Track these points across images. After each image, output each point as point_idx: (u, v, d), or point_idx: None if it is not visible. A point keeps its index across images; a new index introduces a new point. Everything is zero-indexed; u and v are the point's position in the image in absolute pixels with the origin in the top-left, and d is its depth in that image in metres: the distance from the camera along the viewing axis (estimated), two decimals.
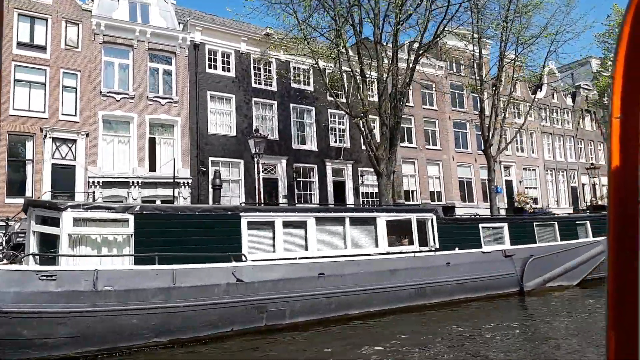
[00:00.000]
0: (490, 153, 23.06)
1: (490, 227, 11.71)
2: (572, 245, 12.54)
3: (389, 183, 18.30)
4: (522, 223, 12.70)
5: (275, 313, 7.81)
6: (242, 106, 24.27)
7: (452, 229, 10.84)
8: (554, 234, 12.87)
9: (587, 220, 13.82)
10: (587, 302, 10.95)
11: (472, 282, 10.47)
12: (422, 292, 9.72)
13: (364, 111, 18.87)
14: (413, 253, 9.90)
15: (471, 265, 10.59)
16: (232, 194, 23.51)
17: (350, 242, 9.37)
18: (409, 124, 31.42)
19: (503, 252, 11.31)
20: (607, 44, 28.89)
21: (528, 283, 11.47)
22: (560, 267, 12.01)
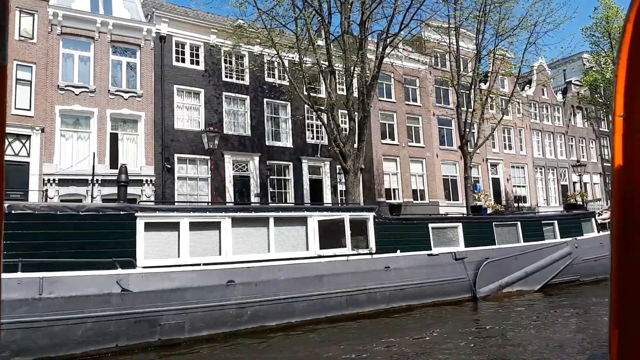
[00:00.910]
0: (467, 149, 22.10)
1: (442, 227, 10.77)
2: (535, 247, 11.59)
3: (356, 180, 17.36)
4: (479, 223, 11.74)
5: (171, 326, 6.90)
6: (212, 101, 23.34)
7: (394, 229, 9.87)
8: (517, 234, 11.91)
9: (554, 220, 12.85)
10: (546, 309, 10.00)
11: (415, 288, 9.52)
12: (355, 299, 8.78)
13: (329, 104, 17.91)
14: (346, 257, 8.96)
15: (414, 269, 9.64)
16: (200, 193, 22.59)
17: (275, 246, 8.41)
18: (391, 120, 30.50)
19: (453, 254, 10.38)
20: (594, 37, 27.91)
21: (481, 288, 10.50)
22: (520, 271, 11.06)
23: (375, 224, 9.58)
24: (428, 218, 11.14)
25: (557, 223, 12.75)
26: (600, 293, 11.85)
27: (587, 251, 12.62)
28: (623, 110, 0.75)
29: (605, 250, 13.03)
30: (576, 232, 12.92)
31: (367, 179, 28.44)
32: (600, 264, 12.79)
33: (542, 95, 38.37)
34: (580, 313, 10.06)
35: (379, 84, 30.15)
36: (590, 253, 12.65)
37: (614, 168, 0.75)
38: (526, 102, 35.71)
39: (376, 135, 29.43)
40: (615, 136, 0.76)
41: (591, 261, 12.61)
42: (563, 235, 12.58)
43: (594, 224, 13.59)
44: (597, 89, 29.91)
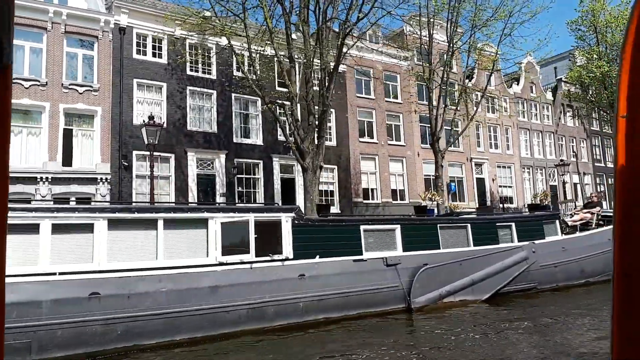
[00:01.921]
0: (438, 147, 21.04)
1: (377, 230, 9.69)
2: (485, 252, 10.51)
3: (315, 179, 16.32)
4: (422, 225, 10.72)
5: (13, 347, 5.88)
6: (175, 95, 22.32)
7: (317, 232, 8.79)
8: (466, 237, 10.84)
9: (511, 222, 11.75)
10: (492, 322, 8.92)
11: (336, 298, 8.43)
12: (259, 312, 7.71)
13: (291, 97, 16.89)
14: (249, 264, 7.89)
15: (336, 277, 8.55)
16: (161, 192, 21.55)
17: (164, 252, 7.33)
18: (370, 117, 29.45)
19: (384, 259, 9.32)
20: (580, 31, 26.75)
21: (417, 298, 9.37)
22: (465, 279, 9.97)
23: (294, 226, 8.50)
24: (360, 219, 10.02)
25: (515, 225, 11.64)
26: (559, 301, 10.77)
27: (546, 256, 11.53)
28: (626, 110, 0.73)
29: (568, 255, 11.94)
30: (537, 235, 11.84)
31: (344, 178, 27.43)
32: (562, 270, 11.71)
33: (530, 92, 37.25)
34: (531, 325, 9.00)
35: (357, 80, 29.17)
36: (550, 258, 11.56)
37: (617, 168, 0.74)
38: (513, 99, 34.57)
39: (354, 133, 28.39)
40: (618, 137, 0.75)
41: (551, 267, 11.52)
42: (521, 239, 11.50)
43: (558, 226, 12.50)
44: (582, 85, 28.76)
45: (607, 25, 25.95)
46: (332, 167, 27.15)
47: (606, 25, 26.00)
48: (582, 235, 12.80)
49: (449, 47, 20.86)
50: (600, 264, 12.55)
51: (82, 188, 19.80)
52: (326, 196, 26.87)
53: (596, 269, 12.46)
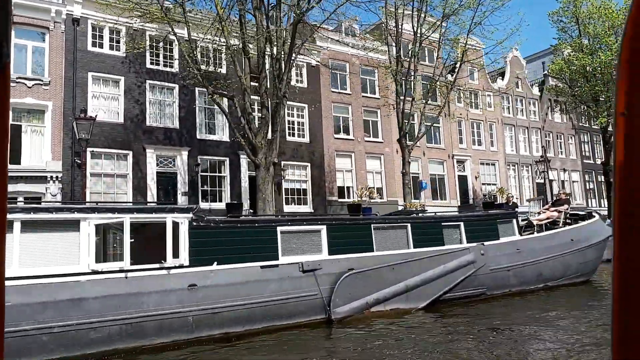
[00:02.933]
0: (405, 143, 20.04)
1: (297, 231, 8.68)
2: (425, 254, 9.47)
3: (268, 176, 15.31)
4: (353, 225, 9.59)
5: None
6: (133, 90, 21.30)
7: (219, 235, 7.71)
8: (406, 239, 9.84)
9: (460, 222, 10.72)
10: (425, 333, 7.90)
11: (236, 311, 7.39)
12: (136, 329, 6.66)
13: (242, 89, 15.88)
14: (124, 272, 6.83)
15: (237, 286, 7.50)
16: (118, 191, 20.56)
17: (19, 259, 6.28)
18: (346, 113, 28.44)
19: (300, 265, 8.35)
20: (562, 23, 25.69)
21: (339, 308, 8.31)
22: (398, 285, 8.94)
23: (192, 228, 7.45)
24: (278, 220, 8.92)
25: (464, 225, 10.59)
26: (510, 308, 9.76)
27: (497, 259, 10.49)
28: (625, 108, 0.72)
29: (524, 257, 10.92)
30: (491, 235, 10.81)
31: (317, 176, 26.44)
32: (516, 273, 10.67)
33: (516, 87, 36.21)
34: (472, 336, 8.00)
35: (333, 75, 28.15)
36: (502, 261, 10.52)
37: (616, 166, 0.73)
38: (495, 92, 33.51)
39: (328, 129, 27.38)
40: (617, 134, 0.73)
41: (503, 271, 10.49)
42: (471, 240, 10.46)
43: (515, 226, 11.47)
44: (564, 78, 27.72)
45: (589, 16, 24.90)
46: (305, 164, 26.18)
47: (588, 17, 24.95)
48: (541, 236, 11.78)
49: (415, 37, 19.82)
50: (561, 267, 11.54)
51: (31, 187, 18.82)
52: (299, 194, 25.89)
53: (556, 272, 11.44)
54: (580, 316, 9.36)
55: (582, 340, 7.92)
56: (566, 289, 11.49)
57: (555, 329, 8.68)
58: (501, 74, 36.64)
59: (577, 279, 12.05)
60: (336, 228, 8.97)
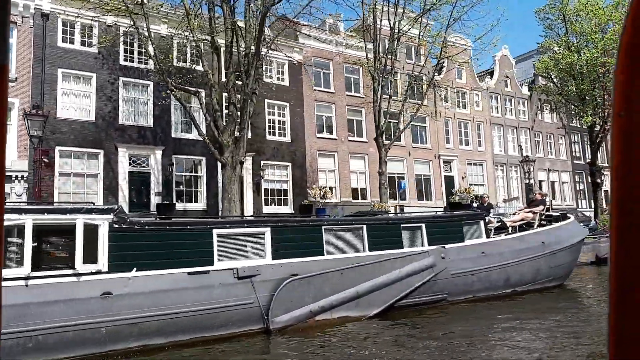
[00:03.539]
0: (382, 142, 19.50)
1: (236, 234, 8.16)
2: (380, 258, 8.89)
3: (234, 176, 14.75)
4: (301, 227, 8.81)
5: None
6: (106, 87, 20.74)
7: (143, 239, 7.14)
8: (361, 241, 9.30)
9: (421, 224, 10.16)
10: (374, 343, 7.34)
11: (157, 321, 6.81)
12: (37, 342, 6.03)
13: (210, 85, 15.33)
14: (25, 280, 6.23)
15: (159, 295, 6.90)
16: (88, 191, 19.97)
17: None
18: (329, 112, 27.88)
19: (234, 271, 7.75)
20: (548, 20, 25.17)
21: (278, 317, 7.69)
22: (348, 290, 8.35)
23: (112, 231, 6.86)
24: (214, 222, 8.29)
25: (426, 227, 10.02)
26: (471, 315, 9.20)
27: (460, 262, 9.91)
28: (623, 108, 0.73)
29: (490, 261, 10.36)
30: (455, 237, 10.24)
31: (299, 176, 25.89)
32: (481, 278, 10.09)
33: (505, 87, 35.72)
34: (423, 345, 7.44)
35: (316, 73, 27.62)
36: (465, 265, 9.94)
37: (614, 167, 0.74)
38: (481, 90, 33.01)
39: (311, 128, 26.84)
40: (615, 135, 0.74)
41: (466, 275, 9.91)
42: (434, 242, 9.89)
43: (482, 228, 10.90)
44: (550, 77, 27.20)
45: (576, 13, 24.39)
46: (286, 164, 25.65)
47: (576, 14, 24.44)
48: (508, 239, 11.22)
49: (393, 33, 19.27)
50: (530, 271, 10.97)
51: None
52: (279, 195, 25.34)
53: (525, 276, 10.87)
54: (547, 322, 8.82)
55: (547, 347, 7.38)
56: (536, 294, 10.93)
57: (517, 336, 8.14)
58: (490, 73, 36.15)
59: (549, 284, 11.49)
60: (282, 230, 8.39)
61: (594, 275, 17.41)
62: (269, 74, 25.71)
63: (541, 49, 26.02)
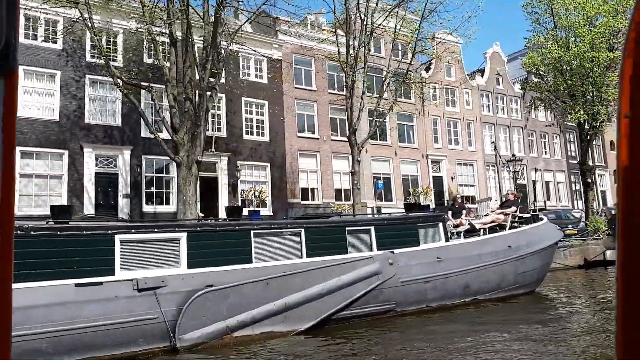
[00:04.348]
0: (355, 140, 18.63)
1: (145, 240, 7.24)
2: (316, 265, 7.94)
3: (190, 176, 13.90)
4: (225, 232, 7.83)
5: None
6: (71, 85, 19.94)
7: (27, 246, 6.16)
8: (299, 247, 8.43)
9: (370, 226, 9.25)
10: None
11: (31, 341, 5.82)
12: None
13: (168, 80, 14.51)
14: None
15: (34, 310, 5.89)
16: (52, 193, 19.15)
17: None
18: (311, 111, 27.00)
19: (134, 282, 6.81)
20: (536, 14, 24.22)
21: (188, 334, 6.78)
22: (275, 302, 7.40)
23: None
24: (117, 227, 7.31)
25: (375, 230, 9.11)
26: (419, 326, 8.27)
27: (411, 269, 8.97)
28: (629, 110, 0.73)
29: (446, 267, 9.42)
30: (409, 241, 9.32)
31: (278, 177, 25.02)
32: (436, 286, 9.14)
33: (496, 85, 34.74)
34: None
35: (297, 70, 26.77)
36: (417, 271, 9.00)
37: (620, 169, 0.74)
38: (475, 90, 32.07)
39: (291, 127, 25.97)
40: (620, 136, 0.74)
41: (419, 283, 8.95)
42: (384, 247, 8.97)
43: (441, 230, 9.94)
44: (538, 72, 26.23)
45: (565, 7, 23.42)
46: (264, 164, 24.79)
47: (564, 7, 23.47)
48: (470, 242, 10.27)
49: (364, 26, 18.38)
50: (494, 278, 10.01)
51: None
52: (254, 197, 24.44)
53: (488, 284, 9.91)
54: (508, 334, 7.88)
55: None
56: (500, 304, 9.97)
57: (471, 349, 7.21)
58: (481, 71, 35.19)
59: (517, 292, 10.53)
60: (201, 236, 7.48)
61: (579, 280, 16.43)
62: (246, 71, 24.89)
63: (529, 44, 25.02)
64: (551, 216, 25.93)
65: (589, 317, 9.51)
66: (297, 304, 7.58)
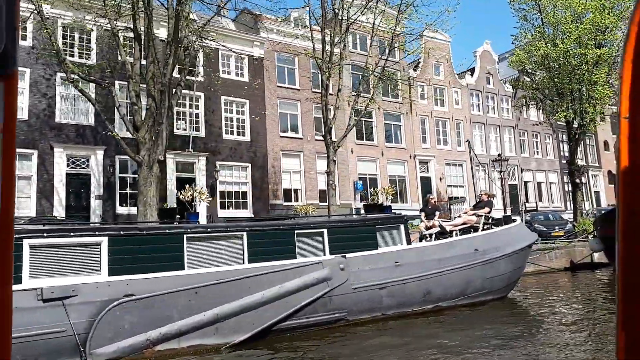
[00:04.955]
0: (330, 139, 18.05)
1: (61, 244, 6.65)
2: (258, 271, 7.30)
3: (150, 176, 13.28)
4: (152, 236, 7.20)
5: None
6: (41, 83, 19.38)
7: None
8: (241, 252, 7.82)
9: (323, 229, 8.66)
10: None
11: None
12: None
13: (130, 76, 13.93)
14: None
15: None
16: (20, 194, 18.54)
17: None
18: (294, 110, 26.41)
19: (38, 292, 6.06)
20: (523, 10, 23.59)
21: (102, 348, 6.14)
22: (205, 313, 6.77)
23: None
24: (26, 230, 6.64)
25: (328, 233, 8.48)
26: (371, 339, 7.65)
27: (365, 274, 8.32)
28: (629, 111, 0.74)
29: (405, 272, 8.79)
30: (366, 245, 8.70)
31: (259, 178, 24.42)
32: (393, 293, 8.50)
33: (486, 84, 34.15)
34: None
35: (279, 68, 26.21)
36: (371, 277, 8.34)
37: (620, 170, 0.75)
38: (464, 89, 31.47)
39: (273, 127, 25.39)
40: (621, 138, 0.76)
41: (373, 289, 8.30)
42: (338, 251, 8.34)
43: (402, 233, 9.31)
44: (525, 70, 25.62)
45: (553, 3, 22.81)
46: (245, 164, 24.21)
47: (552, 4, 22.86)
48: (432, 245, 9.65)
49: (340, 22, 17.79)
50: (459, 283, 9.37)
51: None
52: (237, 198, 23.86)
53: (451, 289, 9.27)
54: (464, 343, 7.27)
55: None
56: (464, 310, 9.34)
57: None
58: (471, 70, 34.57)
59: (484, 297, 9.89)
60: (125, 240, 6.86)
61: (563, 284, 15.81)
62: (227, 69, 24.32)
63: (516, 41, 24.42)
64: (539, 217, 25.36)
65: (560, 324, 8.89)
66: (231, 315, 6.96)
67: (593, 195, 38.25)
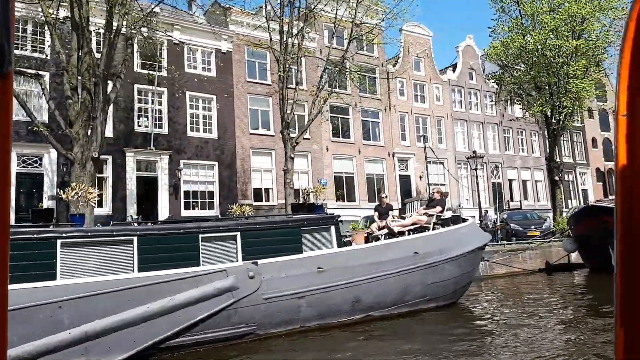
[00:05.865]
0: (288, 135, 17.15)
1: None
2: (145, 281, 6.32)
3: (84, 174, 12.39)
4: (18, 242, 6.11)
5: None
6: None
7: None
8: (131, 259, 6.80)
9: (236, 232, 7.68)
10: None
11: None
12: None
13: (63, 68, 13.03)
14: None
15: None
16: None
17: None
18: (266, 106, 25.50)
19: None
20: (501, 2, 22.71)
21: None
22: (70, 331, 5.74)
23: None
24: None
25: (242, 236, 7.56)
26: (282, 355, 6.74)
27: (281, 282, 7.37)
28: (626, 109, 0.74)
29: (328, 278, 7.88)
30: (288, 249, 7.78)
31: (227, 177, 23.51)
32: (314, 303, 7.55)
33: (469, 79, 33.25)
34: None
35: (250, 63, 25.29)
36: (288, 285, 7.37)
37: (618, 168, 0.75)
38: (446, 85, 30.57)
39: (242, 124, 24.49)
40: (618, 135, 0.75)
41: (289, 299, 7.36)
42: (253, 256, 7.43)
43: (333, 236, 8.39)
44: (500, 62, 24.75)
45: None
46: (212, 163, 23.31)
47: None
48: (363, 248, 8.73)
49: (298, 10, 16.89)
50: (394, 290, 8.46)
51: None
52: (203, 197, 22.95)
53: (385, 297, 8.35)
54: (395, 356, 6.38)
55: None
56: (400, 320, 8.43)
57: None
58: (453, 66, 33.70)
59: (426, 305, 8.98)
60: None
61: (532, 287, 14.87)
62: (192, 64, 23.40)
63: (493, 34, 23.54)
64: (517, 216, 24.45)
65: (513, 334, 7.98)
66: (106, 332, 6.05)
67: (580, 193, 37.41)
